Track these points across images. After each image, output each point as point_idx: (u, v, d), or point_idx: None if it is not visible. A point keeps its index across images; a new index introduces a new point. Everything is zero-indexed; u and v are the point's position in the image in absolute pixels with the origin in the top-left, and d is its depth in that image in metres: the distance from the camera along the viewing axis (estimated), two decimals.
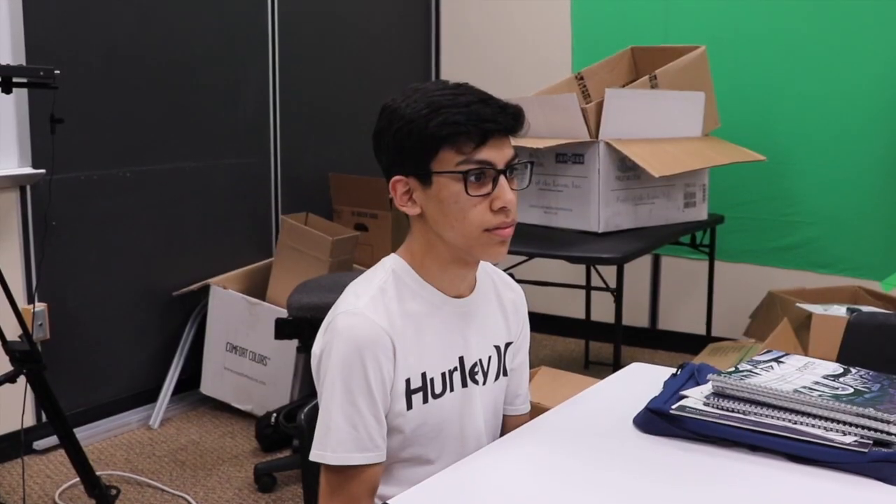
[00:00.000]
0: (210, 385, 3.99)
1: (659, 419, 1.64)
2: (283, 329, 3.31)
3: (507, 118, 1.51)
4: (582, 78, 4.13)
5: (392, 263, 1.61)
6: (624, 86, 3.98)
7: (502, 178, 1.53)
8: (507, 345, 1.72)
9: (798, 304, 3.70)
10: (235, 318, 3.90)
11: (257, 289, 4.03)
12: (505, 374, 1.71)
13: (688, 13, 4.49)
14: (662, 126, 3.71)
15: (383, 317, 1.53)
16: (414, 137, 1.51)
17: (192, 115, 3.98)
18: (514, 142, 1.57)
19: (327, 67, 4.58)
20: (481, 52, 5.09)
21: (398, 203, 1.57)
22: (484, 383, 1.66)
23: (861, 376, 1.68)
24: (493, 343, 1.69)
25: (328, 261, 3.86)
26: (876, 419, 1.50)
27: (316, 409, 1.56)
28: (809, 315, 3.48)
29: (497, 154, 1.52)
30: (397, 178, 1.56)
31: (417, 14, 5.15)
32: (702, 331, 4.39)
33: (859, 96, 4.17)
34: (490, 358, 1.67)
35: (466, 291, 1.65)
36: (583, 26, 4.79)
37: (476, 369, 1.64)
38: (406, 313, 1.56)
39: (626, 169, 3.60)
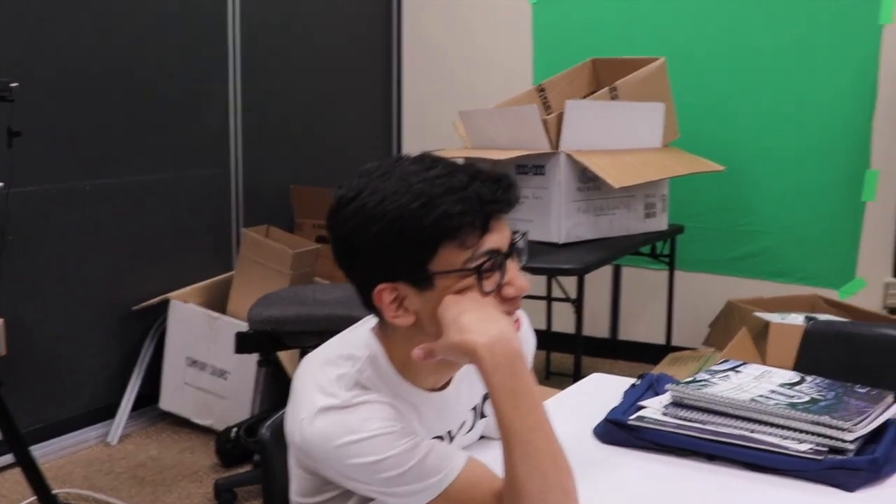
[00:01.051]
0: (169, 400, 3.96)
1: (618, 430, 1.64)
2: (243, 343, 3.30)
3: (506, 194, 1.30)
4: (543, 89, 4.15)
5: (369, 350, 1.38)
6: (584, 97, 4.00)
7: (510, 263, 1.32)
8: (485, 396, 1.53)
9: (756, 313, 3.74)
10: (196, 332, 3.87)
11: (218, 302, 4.00)
12: (482, 416, 1.57)
13: (648, 25, 4.52)
14: (623, 137, 3.74)
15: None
16: (406, 238, 1.26)
17: (152, 127, 3.96)
18: (474, 153, 1.48)
19: (289, 79, 4.58)
20: (443, 64, 5.10)
21: (387, 315, 1.32)
22: (455, 439, 1.50)
23: (817, 384, 1.70)
24: (471, 406, 1.53)
25: (289, 273, 3.85)
26: (831, 426, 1.51)
27: (280, 422, 1.48)
28: (767, 324, 3.52)
29: (501, 237, 1.30)
30: (383, 286, 1.30)
31: (378, 26, 5.15)
32: (662, 340, 4.42)
33: (816, 108, 4.23)
34: (464, 423, 1.52)
35: (446, 381, 1.45)
36: (544, 38, 4.81)
37: (452, 435, 1.49)
38: None
39: (587, 180, 3.62)
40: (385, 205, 1.26)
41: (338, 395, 1.31)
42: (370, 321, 1.41)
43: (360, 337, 1.40)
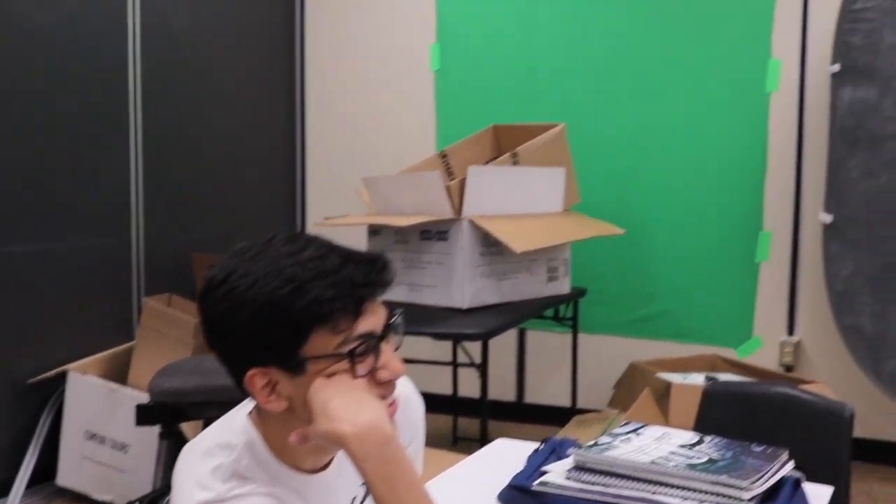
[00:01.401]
0: (67, 476, 3.83)
1: (522, 496, 1.65)
2: (144, 415, 3.22)
3: (380, 276, 1.27)
4: (446, 155, 4.20)
5: (246, 436, 1.32)
6: (486, 163, 4.06)
7: (385, 345, 1.28)
8: None
9: (658, 375, 3.80)
10: (95, 404, 3.77)
11: (118, 373, 3.91)
12: None
13: (548, 92, 4.63)
14: (524, 202, 3.79)
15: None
16: (276, 324, 1.22)
17: (48, 194, 3.87)
18: (378, 219, 1.45)
19: (192, 144, 4.54)
20: (347, 132, 5.12)
21: (259, 401, 1.28)
22: None
23: (715, 444, 1.73)
24: (361, 482, 1.40)
25: (192, 343, 3.79)
26: (729, 486, 1.55)
27: None
28: (669, 385, 3.58)
29: (376, 319, 1.27)
30: (254, 371, 1.25)
31: (283, 92, 5.17)
32: (568, 403, 4.45)
33: (710, 173, 4.36)
34: (355, 498, 1.45)
35: (329, 460, 1.39)
36: (446, 105, 4.88)
37: None
38: None
39: (490, 245, 3.66)
40: (255, 289, 1.23)
41: (214, 488, 1.27)
42: (249, 404, 1.37)
43: (237, 423, 1.35)
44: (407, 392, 1.53)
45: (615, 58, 4.50)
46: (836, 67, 3.74)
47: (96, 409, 3.77)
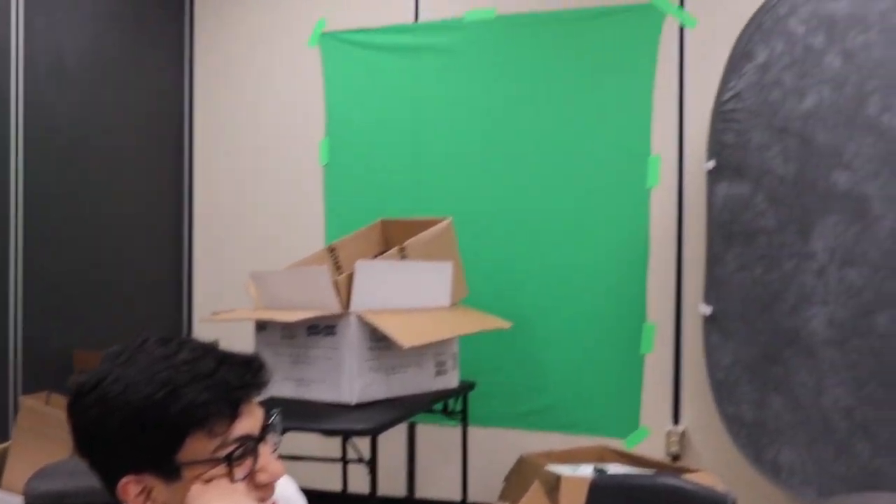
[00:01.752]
0: None
1: None
2: None
3: (255, 378, 1.27)
4: (334, 250, 4.21)
5: None
6: (375, 257, 4.07)
7: (262, 447, 1.27)
8: None
9: (547, 467, 3.81)
10: None
11: None
12: None
13: (435, 187, 4.69)
14: (412, 296, 3.81)
15: None
16: (150, 429, 1.20)
17: None
18: (265, 314, 1.43)
19: (76, 237, 4.45)
20: (235, 226, 5.10)
21: None
22: None
23: None
24: None
25: (71, 443, 3.66)
26: None
27: None
28: (559, 477, 3.60)
29: (252, 422, 1.26)
30: (128, 478, 1.23)
31: (170, 187, 5.13)
32: (458, 497, 4.43)
33: (595, 266, 4.46)
34: None
35: None
36: (335, 199, 4.90)
37: None
38: None
39: (378, 339, 3.65)
40: (128, 394, 1.20)
41: None
42: None
43: None
44: (289, 493, 1.51)
45: (501, 154, 4.60)
46: (712, 164, 3.89)
47: None
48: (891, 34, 3.69)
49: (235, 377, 1.24)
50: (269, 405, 1.34)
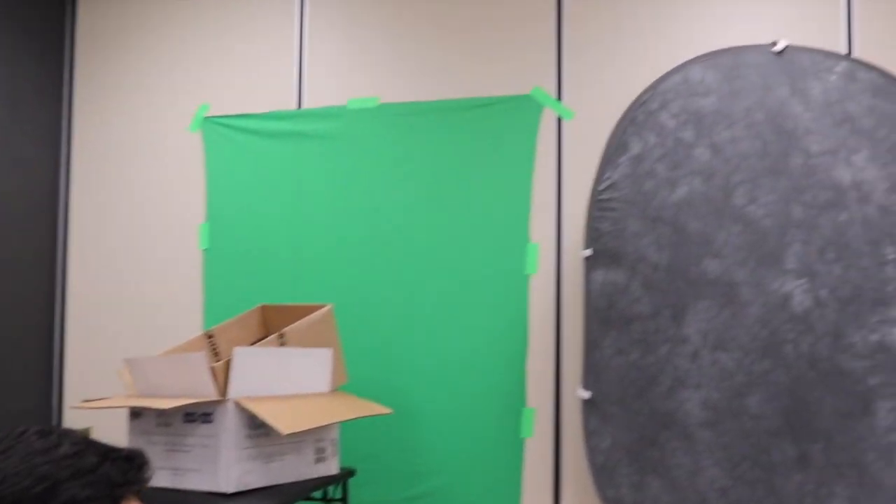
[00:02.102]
0: None
1: None
2: None
3: (138, 474, 1.26)
4: (212, 336, 4.14)
5: None
6: (254, 343, 4.02)
7: None
8: None
9: None
10: None
11: None
12: None
13: (317, 273, 4.68)
14: (291, 383, 3.77)
15: None
16: None
17: None
18: (140, 402, 1.42)
19: None
20: (111, 310, 4.98)
21: None
22: None
23: None
24: None
25: None
26: None
27: None
28: None
29: None
30: None
31: (42, 270, 4.99)
32: None
33: (476, 352, 4.48)
34: None
35: None
36: (214, 284, 4.84)
37: None
38: None
39: (256, 427, 3.59)
40: (4, 488, 1.16)
41: None
42: None
43: None
44: None
45: (383, 240, 4.63)
46: (589, 252, 3.98)
47: None
48: (754, 129, 3.88)
49: (118, 473, 1.22)
50: (145, 496, 1.30)
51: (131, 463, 1.24)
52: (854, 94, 3.88)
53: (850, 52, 4.15)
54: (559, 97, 4.48)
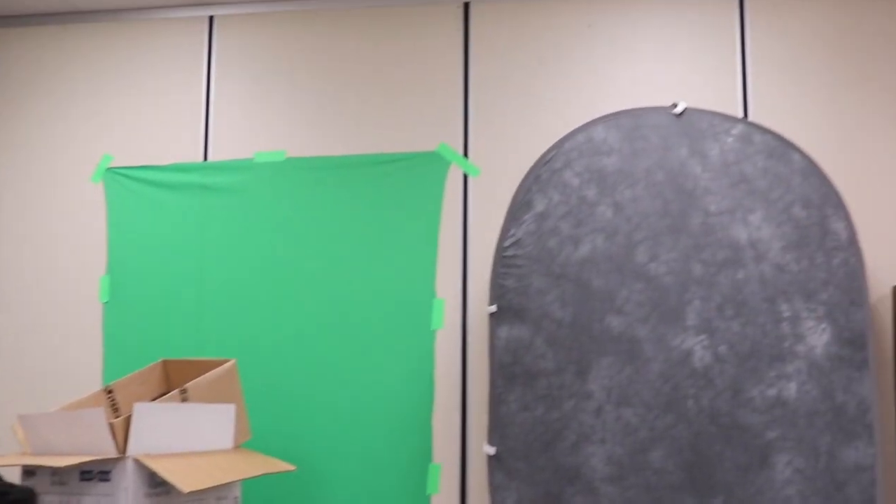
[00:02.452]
0: None
1: None
2: None
3: None
4: (111, 391, 4.04)
5: None
6: (155, 399, 3.94)
7: None
8: None
9: None
10: None
11: None
12: None
13: (220, 327, 4.61)
14: (193, 440, 3.70)
15: None
16: None
17: None
18: (34, 460, 1.39)
19: None
20: (3, 364, 4.83)
21: None
22: None
23: None
24: None
25: None
26: None
27: None
28: None
29: None
30: None
31: None
32: None
33: (381, 407, 4.46)
34: None
35: None
36: (115, 338, 4.73)
37: None
38: None
39: (157, 485, 3.50)
40: None
41: None
42: None
43: None
44: None
45: (288, 294, 4.59)
46: (494, 308, 4.02)
47: None
48: (655, 188, 3.98)
49: None
50: None
51: (6, 498, 1.18)
52: (750, 155, 4.01)
53: (745, 116, 4.30)
54: (465, 154, 4.54)
